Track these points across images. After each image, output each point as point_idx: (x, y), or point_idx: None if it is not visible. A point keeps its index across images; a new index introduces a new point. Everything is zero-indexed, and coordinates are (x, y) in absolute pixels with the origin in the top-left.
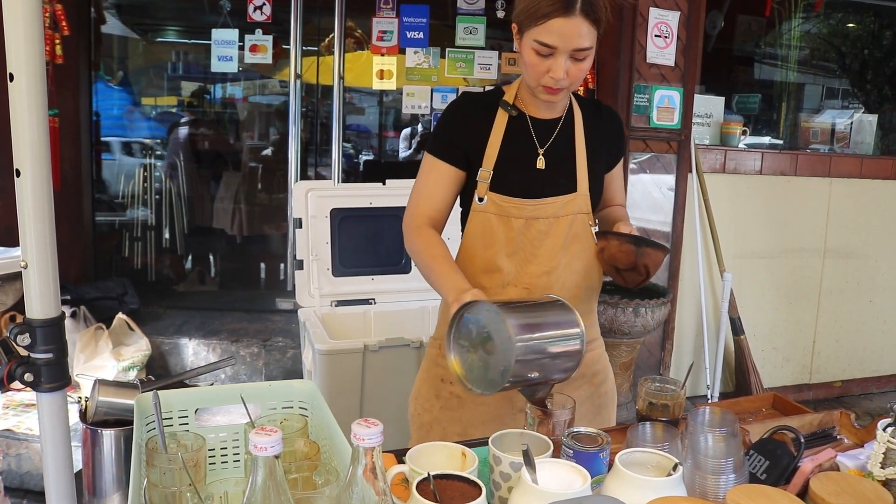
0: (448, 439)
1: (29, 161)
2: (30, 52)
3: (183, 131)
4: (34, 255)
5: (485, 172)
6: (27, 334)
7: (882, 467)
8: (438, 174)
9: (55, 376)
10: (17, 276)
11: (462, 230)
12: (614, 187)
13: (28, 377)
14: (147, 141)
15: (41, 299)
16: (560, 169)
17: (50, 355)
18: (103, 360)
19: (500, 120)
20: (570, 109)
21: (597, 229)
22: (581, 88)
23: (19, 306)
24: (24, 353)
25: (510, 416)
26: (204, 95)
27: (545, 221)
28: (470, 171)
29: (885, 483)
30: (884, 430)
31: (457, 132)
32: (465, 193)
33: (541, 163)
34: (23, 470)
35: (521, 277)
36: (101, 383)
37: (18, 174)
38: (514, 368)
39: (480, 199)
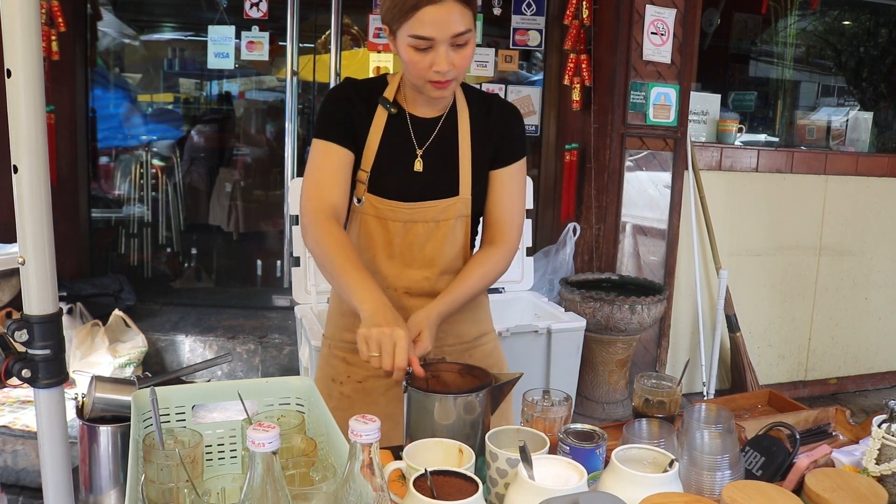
0: None
1: (26, 157)
2: (27, 49)
3: (179, 128)
4: (32, 252)
5: (362, 173)
6: (25, 330)
7: (877, 463)
8: (333, 157)
9: (53, 372)
10: (13, 273)
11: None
12: (500, 194)
13: (25, 373)
14: (143, 137)
15: (39, 295)
16: (440, 171)
17: (47, 351)
18: (99, 356)
19: (380, 116)
20: (454, 106)
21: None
22: (578, 86)
23: (15, 303)
24: (21, 349)
25: (401, 415)
26: (200, 92)
27: (425, 225)
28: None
29: (880, 479)
30: (879, 426)
31: (341, 116)
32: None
33: (419, 165)
34: (19, 466)
35: (400, 280)
36: (97, 379)
37: (16, 170)
38: None
39: (359, 200)
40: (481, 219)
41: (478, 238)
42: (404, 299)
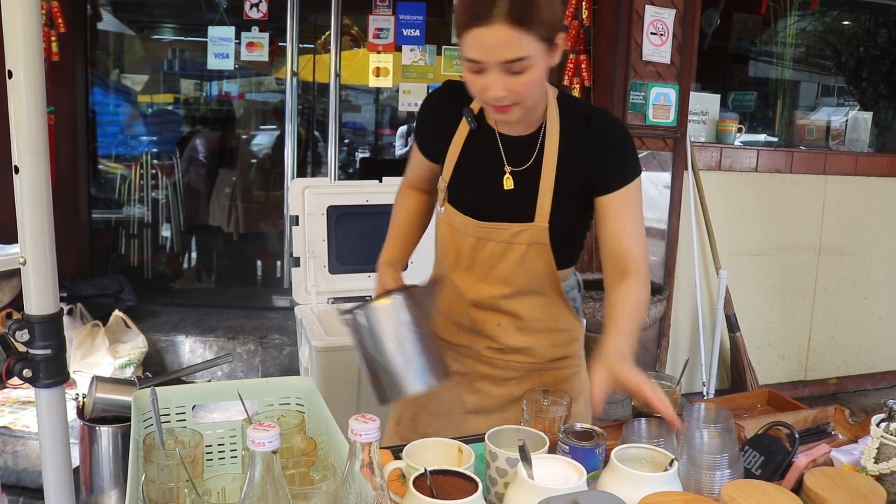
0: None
1: (28, 157)
2: (28, 50)
3: (179, 129)
4: (32, 252)
5: (442, 182)
6: (26, 330)
7: (876, 462)
8: (416, 159)
9: (54, 372)
10: (13, 273)
11: None
12: (616, 223)
13: (27, 373)
14: (143, 138)
15: (39, 295)
16: (518, 193)
17: (48, 351)
18: (100, 357)
19: (464, 127)
20: (544, 126)
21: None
22: (577, 86)
23: (16, 303)
24: (22, 349)
25: (459, 415)
26: (200, 93)
27: (496, 245)
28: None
29: (879, 478)
30: (877, 425)
31: (427, 128)
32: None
33: (508, 183)
34: (19, 467)
35: (471, 292)
36: (98, 380)
37: (17, 171)
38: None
39: (441, 208)
40: (601, 248)
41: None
42: (472, 311)
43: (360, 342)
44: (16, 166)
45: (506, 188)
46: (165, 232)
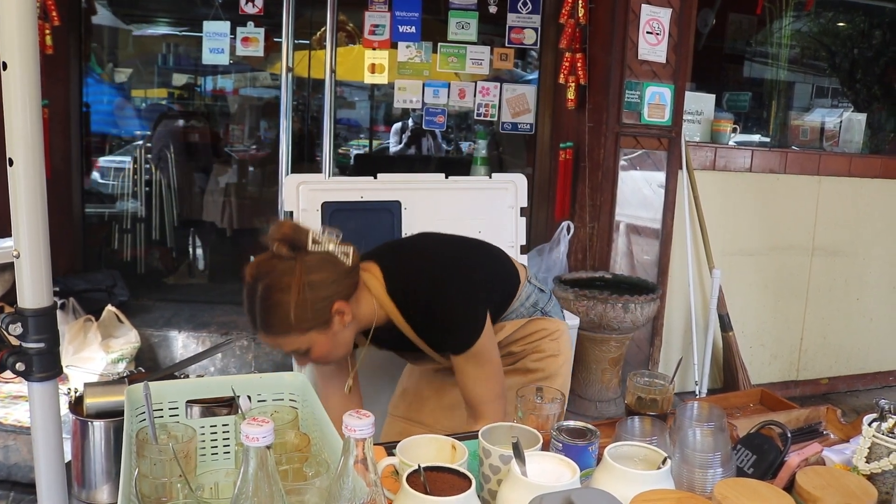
0: None
1: (22, 150)
2: (23, 41)
3: (173, 123)
4: (26, 245)
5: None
6: (19, 324)
7: (867, 462)
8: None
9: (47, 366)
10: (4, 268)
11: None
12: (462, 378)
13: (20, 366)
14: (137, 132)
15: (33, 289)
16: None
17: (42, 345)
18: (92, 352)
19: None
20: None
21: None
22: (572, 85)
23: (7, 297)
24: (15, 342)
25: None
26: (195, 87)
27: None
28: None
29: (870, 477)
30: (869, 425)
31: None
32: None
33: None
34: (11, 462)
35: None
36: (88, 386)
37: (11, 163)
38: None
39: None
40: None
41: None
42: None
43: None
44: (10, 159)
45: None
46: (158, 227)
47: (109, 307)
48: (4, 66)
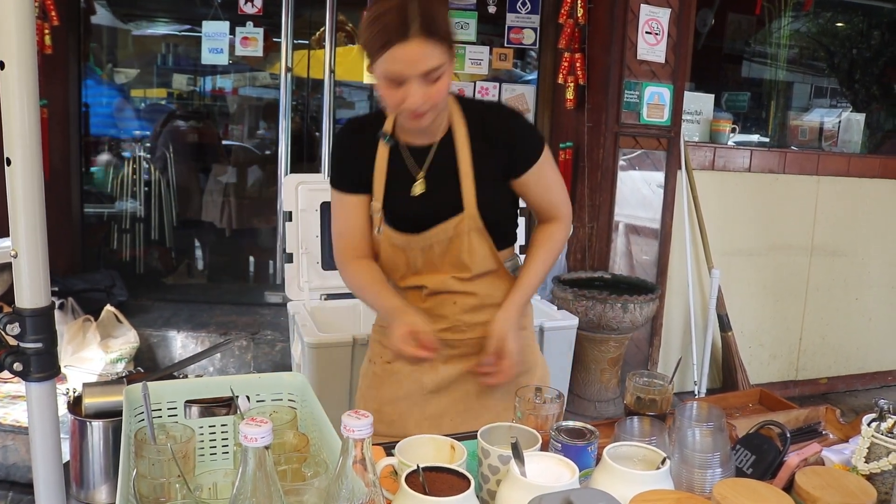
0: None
1: (20, 150)
2: (21, 40)
3: (172, 123)
4: (24, 244)
5: (376, 204)
6: (17, 324)
7: (866, 462)
8: (347, 208)
9: (45, 366)
10: (3, 267)
11: None
12: (539, 191)
13: (17, 367)
14: (136, 132)
15: (31, 288)
16: (442, 193)
17: (39, 345)
18: (91, 352)
19: (383, 150)
20: (450, 129)
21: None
22: (572, 85)
23: (6, 297)
24: (13, 342)
25: (419, 396)
26: (194, 87)
27: (439, 245)
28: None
29: (869, 477)
30: (868, 424)
31: (348, 162)
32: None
33: (418, 188)
34: (9, 462)
35: (427, 283)
36: (86, 386)
37: (9, 163)
38: None
39: (378, 230)
40: (535, 214)
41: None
42: (431, 295)
43: None
44: (7, 158)
45: (416, 193)
46: (157, 227)
47: (108, 307)
48: (2, 65)
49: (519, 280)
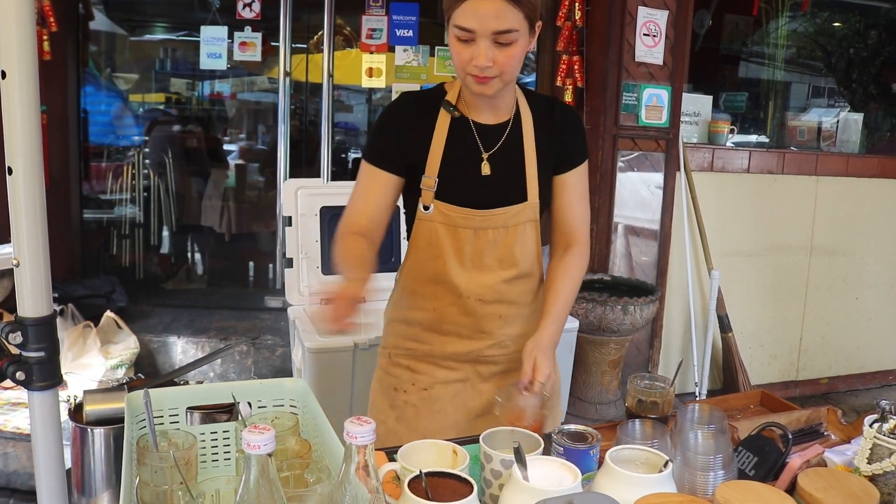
0: None
1: (21, 158)
2: (22, 50)
3: (171, 128)
4: (27, 253)
5: (429, 180)
6: (19, 332)
7: (869, 463)
8: (376, 182)
9: (47, 375)
10: (3, 274)
11: (408, 238)
12: (570, 198)
13: (20, 376)
14: (135, 138)
15: (33, 297)
16: (509, 176)
17: (42, 354)
18: (91, 358)
19: (443, 122)
20: (518, 111)
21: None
22: (570, 87)
23: (6, 304)
24: (15, 351)
25: (466, 423)
26: (192, 92)
27: (494, 231)
28: (411, 178)
29: (872, 478)
30: (870, 425)
31: (396, 137)
32: (409, 200)
33: (486, 169)
34: (10, 469)
35: (472, 287)
36: (87, 393)
37: (10, 172)
38: None
39: (426, 208)
40: (552, 222)
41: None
42: (477, 307)
43: None
44: (9, 167)
45: (485, 173)
46: (157, 232)
47: (108, 313)
48: (3, 74)
49: (547, 309)
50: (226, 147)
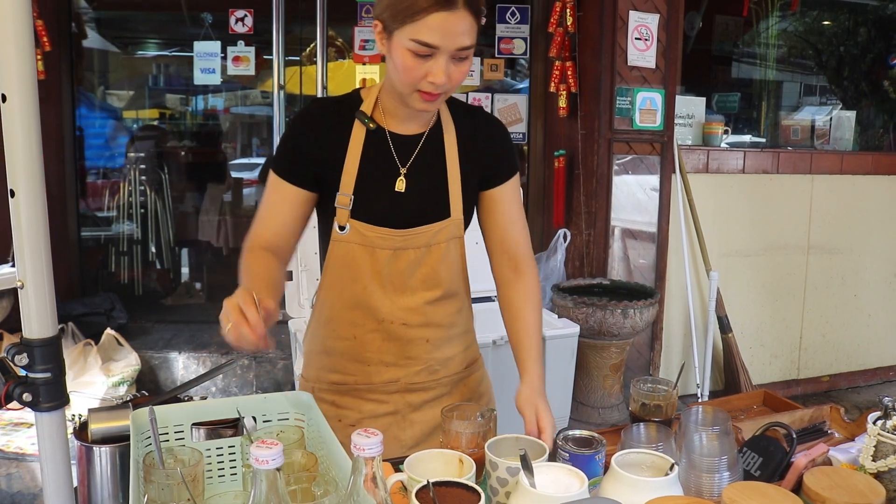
0: None
1: (23, 181)
2: (22, 72)
3: (167, 144)
4: (31, 275)
5: (344, 198)
6: (25, 354)
7: (873, 460)
8: (283, 196)
9: (54, 395)
10: (2, 295)
11: (321, 260)
12: (506, 214)
13: (26, 397)
14: (131, 154)
15: (38, 319)
16: (428, 192)
17: (48, 374)
18: (93, 376)
19: (358, 133)
20: (438, 121)
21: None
22: (564, 93)
23: (5, 325)
24: (21, 373)
25: (400, 452)
26: (187, 108)
27: (416, 251)
28: (324, 193)
29: (877, 475)
30: (874, 423)
31: (306, 149)
32: (322, 218)
33: (400, 184)
34: (14, 490)
35: (395, 312)
36: (92, 412)
37: (13, 195)
38: None
39: (342, 228)
40: (489, 244)
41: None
42: (402, 331)
43: None
44: (11, 190)
45: (398, 190)
46: (155, 248)
47: (109, 330)
48: (4, 98)
49: (525, 347)
50: (221, 161)
